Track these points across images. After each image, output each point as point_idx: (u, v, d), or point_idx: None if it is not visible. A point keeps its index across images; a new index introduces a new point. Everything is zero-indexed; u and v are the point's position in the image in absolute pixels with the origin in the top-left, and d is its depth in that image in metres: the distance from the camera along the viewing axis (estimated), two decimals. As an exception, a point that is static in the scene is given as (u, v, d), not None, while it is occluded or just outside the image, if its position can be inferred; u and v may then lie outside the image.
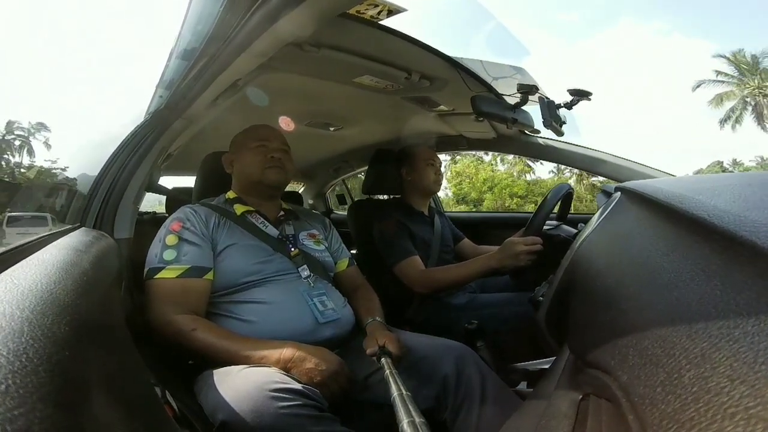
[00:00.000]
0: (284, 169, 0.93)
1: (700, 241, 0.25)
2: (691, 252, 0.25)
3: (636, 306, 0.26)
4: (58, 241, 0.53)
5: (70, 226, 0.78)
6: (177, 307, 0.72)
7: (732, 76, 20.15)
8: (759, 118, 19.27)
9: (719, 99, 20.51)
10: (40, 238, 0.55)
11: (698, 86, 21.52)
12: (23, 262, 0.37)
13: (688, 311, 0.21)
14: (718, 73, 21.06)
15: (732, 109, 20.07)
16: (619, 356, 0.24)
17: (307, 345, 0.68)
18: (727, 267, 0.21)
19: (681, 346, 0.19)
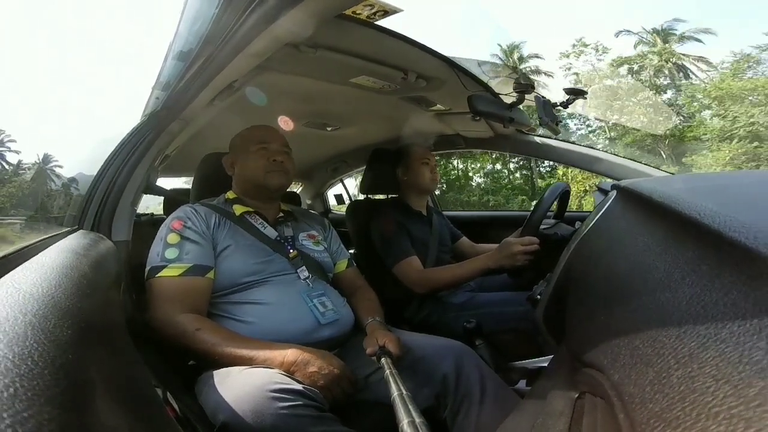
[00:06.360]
0: (286, 171, 0.93)
1: (693, 241, 0.25)
2: (684, 252, 0.26)
3: (629, 306, 0.27)
4: (57, 244, 0.53)
5: (68, 228, 0.78)
6: (180, 306, 0.72)
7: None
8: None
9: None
10: (39, 241, 0.55)
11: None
12: (23, 265, 0.38)
13: (678, 311, 0.21)
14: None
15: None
16: (612, 355, 0.24)
17: (310, 348, 0.68)
18: (717, 268, 0.22)
19: (670, 346, 0.20)
